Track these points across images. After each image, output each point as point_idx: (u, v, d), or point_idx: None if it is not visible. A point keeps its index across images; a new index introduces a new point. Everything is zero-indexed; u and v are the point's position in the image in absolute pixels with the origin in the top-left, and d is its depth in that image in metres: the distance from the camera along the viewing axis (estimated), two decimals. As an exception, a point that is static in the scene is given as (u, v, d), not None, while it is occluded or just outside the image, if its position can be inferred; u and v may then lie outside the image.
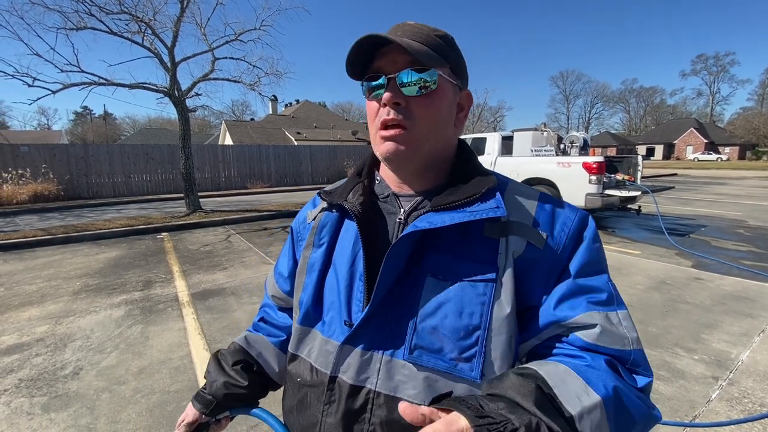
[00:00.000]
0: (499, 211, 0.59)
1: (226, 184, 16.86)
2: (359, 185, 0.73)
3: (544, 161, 7.85)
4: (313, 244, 0.74)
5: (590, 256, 0.62)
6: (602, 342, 0.56)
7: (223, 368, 0.82)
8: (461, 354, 0.58)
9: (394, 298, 0.62)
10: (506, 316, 0.58)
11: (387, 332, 0.62)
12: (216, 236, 7.53)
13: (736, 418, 2.20)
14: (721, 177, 22.25)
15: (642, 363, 0.57)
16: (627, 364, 0.57)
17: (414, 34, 0.62)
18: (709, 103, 75.52)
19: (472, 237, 0.62)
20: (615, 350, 0.56)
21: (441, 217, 0.60)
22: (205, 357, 2.97)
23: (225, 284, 4.65)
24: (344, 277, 0.67)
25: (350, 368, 0.63)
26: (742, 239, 6.57)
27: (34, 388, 2.59)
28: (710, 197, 12.52)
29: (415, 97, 0.61)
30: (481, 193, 0.61)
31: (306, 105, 37.91)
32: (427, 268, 0.62)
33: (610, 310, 0.58)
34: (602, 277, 0.61)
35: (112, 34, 8.46)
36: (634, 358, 0.57)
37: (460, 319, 0.58)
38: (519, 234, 0.61)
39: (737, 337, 3.15)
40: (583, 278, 0.60)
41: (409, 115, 0.61)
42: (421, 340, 0.60)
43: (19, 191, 11.71)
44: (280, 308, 0.89)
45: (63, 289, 4.52)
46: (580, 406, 0.46)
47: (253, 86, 10.06)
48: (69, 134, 51.63)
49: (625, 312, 0.60)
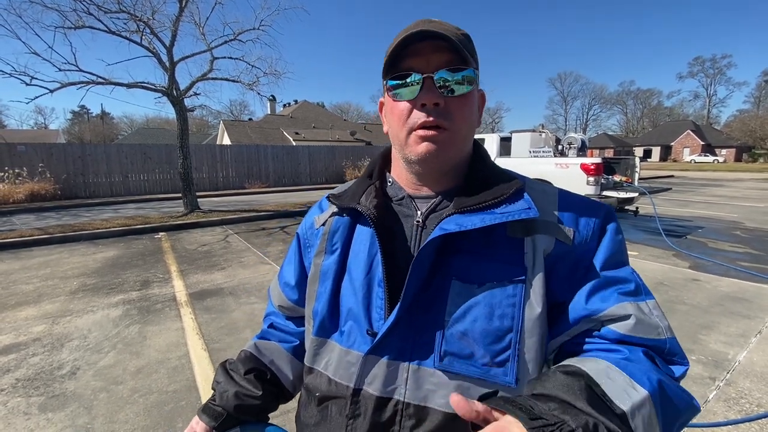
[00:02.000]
0: (531, 212, 0.58)
1: (224, 184, 16.82)
2: (371, 187, 0.70)
3: (542, 162, 7.89)
4: (325, 250, 0.71)
5: (615, 248, 0.61)
6: (637, 332, 0.55)
7: (233, 378, 0.77)
8: (494, 359, 0.56)
9: (419, 303, 0.60)
10: (538, 316, 0.57)
11: (412, 340, 0.60)
12: (214, 236, 7.51)
13: (734, 418, 2.21)
14: (718, 179, 22.35)
15: (677, 351, 0.56)
16: (663, 353, 0.56)
17: (444, 31, 0.59)
18: (706, 106, 75.97)
19: (497, 238, 0.60)
20: (651, 340, 0.55)
21: (470, 220, 0.58)
22: (203, 357, 2.96)
23: (223, 284, 4.64)
24: (361, 284, 0.65)
25: (376, 380, 0.60)
26: (739, 241, 6.60)
27: (31, 387, 2.58)
28: (707, 199, 12.57)
29: (452, 98, 0.59)
30: (509, 194, 0.60)
31: (304, 105, 37.87)
32: (452, 272, 0.60)
33: (640, 300, 0.58)
34: (627, 268, 0.61)
35: (110, 33, 8.43)
36: (670, 346, 0.56)
37: (490, 323, 0.57)
38: (546, 232, 0.59)
39: (734, 338, 3.16)
40: (610, 270, 0.59)
41: (448, 116, 0.59)
42: (451, 347, 0.58)
43: (15, 190, 11.65)
44: (287, 317, 0.85)
45: (60, 289, 4.50)
46: (630, 403, 0.45)
47: (251, 86, 10.05)
48: (66, 133, 51.38)
49: (654, 301, 0.59)
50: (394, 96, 0.63)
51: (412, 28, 0.59)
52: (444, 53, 0.58)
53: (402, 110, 0.62)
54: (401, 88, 0.61)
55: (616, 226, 0.63)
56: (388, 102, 0.66)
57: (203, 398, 2.45)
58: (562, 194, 0.66)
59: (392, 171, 0.74)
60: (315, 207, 0.81)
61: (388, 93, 0.64)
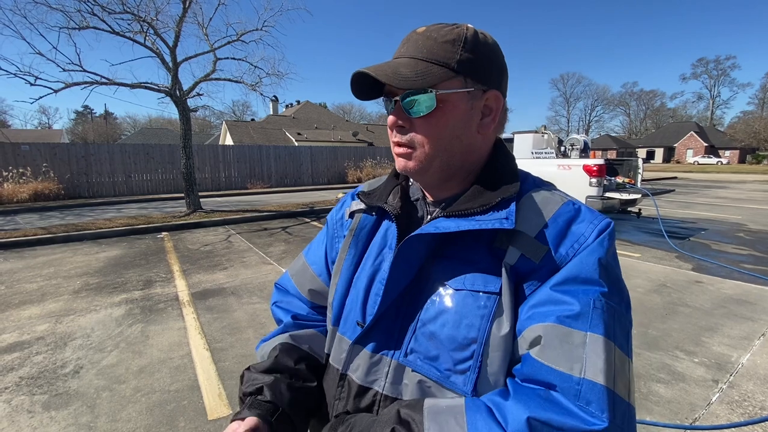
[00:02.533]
0: (506, 222, 0.56)
1: (226, 184, 16.87)
2: (398, 188, 0.72)
3: (544, 164, 7.87)
4: (349, 245, 0.73)
5: (585, 268, 0.54)
6: (543, 358, 0.49)
7: (281, 368, 0.70)
8: (455, 366, 0.56)
9: (405, 301, 0.63)
10: (505, 334, 0.54)
11: (395, 335, 0.62)
12: (216, 236, 7.53)
13: (737, 421, 2.20)
14: (722, 180, 22.26)
15: (594, 401, 0.46)
16: (570, 394, 0.47)
17: (418, 48, 0.59)
18: (710, 107, 75.64)
19: (482, 246, 0.60)
20: (555, 372, 0.48)
21: (447, 224, 0.59)
22: (205, 356, 2.97)
23: (225, 284, 4.65)
24: (367, 277, 0.68)
25: (359, 368, 0.64)
26: (743, 243, 6.57)
27: (35, 386, 2.59)
28: (710, 200, 12.53)
29: (419, 118, 0.60)
30: (495, 203, 0.58)
31: (307, 106, 37.93)
32: (434, 274, 0.62)
33: (577, 327, 0.50)
34: (591, 291, 0.52)
35: (114, 33, 8.48)
36: (584, 389, 0.46)
37: (457, 330, 0.56)
38: (517, 245, 0.57)
39: (737, 340, 3.15)
40: (561, 288, 0.53)
41: (413, 136, 0.61)
42: (418, 345, 0.59)
43: (19, 190, 11.72)
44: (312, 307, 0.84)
45: (63, 288, 4.52)
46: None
47: (254, 87, 10.08)
48: (70, 133, 51.70)
49: (602, 339, 0.49)
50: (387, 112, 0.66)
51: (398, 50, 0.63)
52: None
53: (389, 127, 0.65)
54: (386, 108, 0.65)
55: (601, 247, 0.55)
56: None
57: (205, 398, 2.46)
58: (565, 207, 0.59)
59: None
60: (348, 198, 0.83)
61: None
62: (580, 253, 0.55)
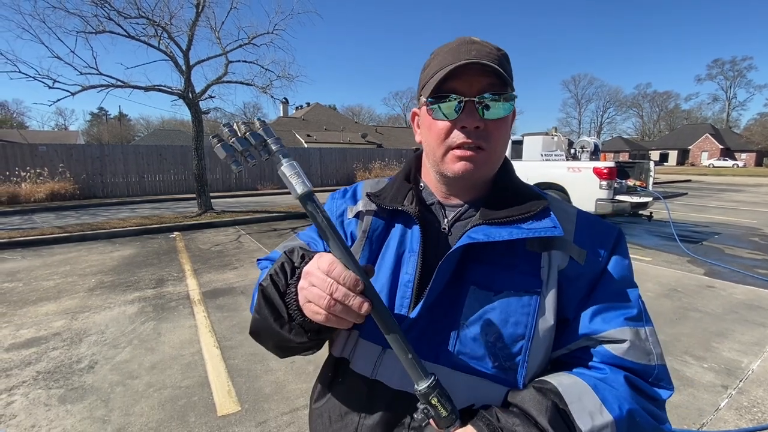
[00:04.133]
0: (556, 230, 0.61)
1: (236, 185, 17.06)
2: (411, 191, 0.71)
3: (554, 166, 7.81)
4: (362, 248, 0.71)
5: (622, 272, 0.65)
6: (629, 356, 0.59)
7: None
8: (504, 362, 0.60)
9: (439, 305, 0.63)
10: (549, 327, 0.61)
11: (429, 338, 0.63)
12: (227, 236, 7.64)
13: (745, 427, 2.18)
14: (737, 184, 21.80)
15: (664, 378, 0.60)
16: (650, 378, 0.60)
17: (487, 54, 0.61)
18: (725, 109, 74.07)
19: (517, 250, 0.63)
20: (640, 365, 0.59)
21: (498, 232, 0.61)
22: (215, 354, 3.03)
23: (235, 283, 4.72)
24: (387, 281, 0.66)
25: (392, 374, 0.63)
26: (757, 248, 6.45)
27: (51, 380, 2.67)
28: (725, 204, 12.29)
29: (492, 120, 0.62)
30: (537, 211, 0.63)
31: (316, 108, 38.20)
32: (471, 278, 0.63)
33: (640, 326, 0.61)
34: (633, 292, 0.64)
35: (129, 37, 8.66)
36: (658, 372, 0.60)
37: (505, 329, 0.60)
38: (562, 249, 0.63)
39: (748, 346, 3.11)
40: (617, 294, 0.63)
41: (487, 138, 0.62)
42: (465, 347, 0.61)
43: (36, 190, 12.02)
44: None
45: (79, 286, 4.64)
46: (591, 425, 0.51)
47: (265, 89, 10.20)
48: (85, 134, 52.75)
49: (652, 328, 0.63)
50: (434, 113, 0.64)
51: (458, 54, 0.61)
52: (486, 77, 0.60)
53: (441, 129, 0.63)
54: (442, 108, 0.62)
55: (625, 250, 0.67)
56: (425, 117, 0.67)
57: (215, 394, 2.51)
58: (581, 215, 0.69)
59: (423, 176, 0.76)
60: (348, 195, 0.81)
61: (427, 108, 0.65)
62: (614, 256, 0.65)
